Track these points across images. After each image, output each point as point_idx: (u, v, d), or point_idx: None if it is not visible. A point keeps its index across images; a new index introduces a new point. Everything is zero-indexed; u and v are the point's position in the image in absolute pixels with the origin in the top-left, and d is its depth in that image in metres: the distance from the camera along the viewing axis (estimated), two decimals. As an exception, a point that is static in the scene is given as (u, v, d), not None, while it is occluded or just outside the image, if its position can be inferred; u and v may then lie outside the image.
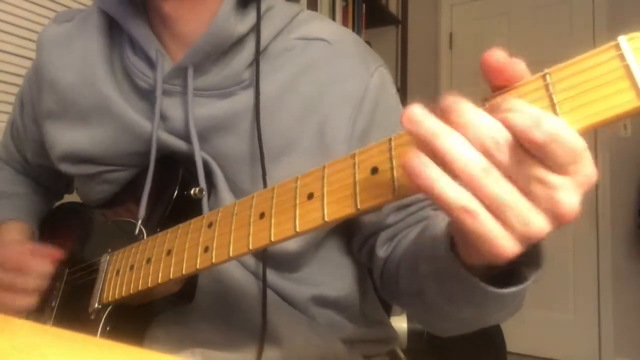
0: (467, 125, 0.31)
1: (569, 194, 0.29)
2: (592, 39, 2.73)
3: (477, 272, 0.40)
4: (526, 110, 0.29)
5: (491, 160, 0.30)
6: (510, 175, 0.30)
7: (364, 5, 2.83)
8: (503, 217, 0.30)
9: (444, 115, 0.32)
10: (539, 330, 2.71)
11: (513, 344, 2.43)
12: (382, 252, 0.63)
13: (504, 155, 0.30)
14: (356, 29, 2.69)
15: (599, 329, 2.66)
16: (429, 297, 0.49)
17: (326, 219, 0.38)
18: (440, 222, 0.47)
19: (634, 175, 2.56)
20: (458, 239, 0.40)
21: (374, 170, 0.37)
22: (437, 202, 0.31)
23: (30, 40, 1.36)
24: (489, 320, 0.48)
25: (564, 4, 2.83)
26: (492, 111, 0.31)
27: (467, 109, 0.31)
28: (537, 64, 0.33)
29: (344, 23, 2.59)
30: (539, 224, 0.30)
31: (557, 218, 0.30)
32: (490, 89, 0.33)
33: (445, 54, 3.19)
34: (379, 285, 0.65)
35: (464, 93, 0.33)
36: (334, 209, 0.38)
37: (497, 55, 0.32)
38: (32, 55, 1.35)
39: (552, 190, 0.29)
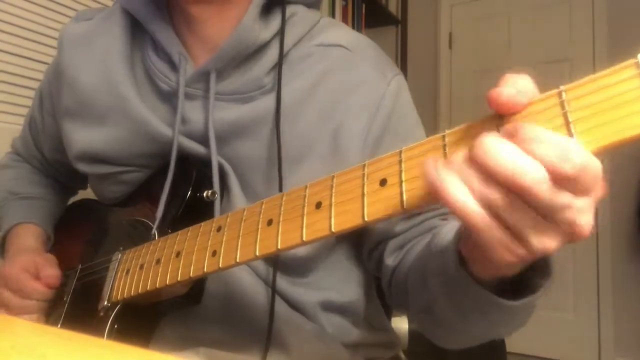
0: (488, 158, 0.30)
1: (588, 214, 0.30)
2: (591, 39, 2.72)
3: (487, 285, 0.40)
4: (553, 141, 0.29)
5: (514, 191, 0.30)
6: (533, 204, 0.30)
7: (363, 5, 2.83)
8: (520, 237, 0.31)
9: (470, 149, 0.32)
10: (538, 330, 2.71)
11: (513, 344, 2.43)
12: (390, 260, 0.62)
13: (531, 189, 0.29)
14: (356, 29, 2.69)
15: (599, 329, 2.66)
16: (438, 311, 0.48)
17: (333, 230, 0.38)
18: (445, 234, 0.47)
19: (634, 175, 2.56)
20: (469, 253, 0.39)
21: (383, 182, 0.36)
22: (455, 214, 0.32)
23: (30, 40, 1.36)
24: (500, 332, 0.47)
25: (564, 4, 2.83)
26: (509, 137, 0.31)
27: (490, 141, 0.30)
28: (537, 64, 0.32)
29: (344, 23, 2.59)
30: (553, 244, 0.31)
31: (573, 236, 0.31)
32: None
33: (445, 54, 3.18)
34: (387, 295, 0.65)
35: (463, 93, 0.32)
36: (340, 220, 0.38)
37: (506, 92, 0.31)
38: (33, 55, 1.36)
39: (575, 213, 0.30)
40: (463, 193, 0.31)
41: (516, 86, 0.31)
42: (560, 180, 0.29)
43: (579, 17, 2.79)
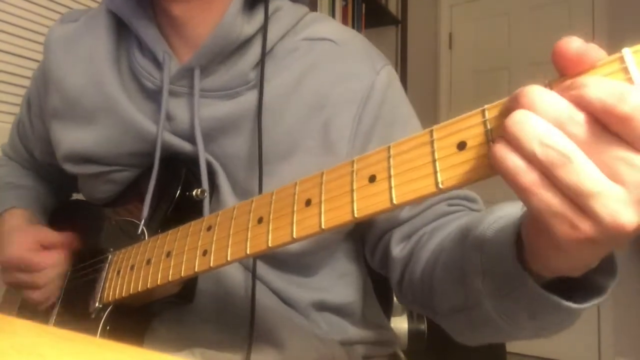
0: (534, 105, 0.28)
1: None
2: (591, 40, 2.71)
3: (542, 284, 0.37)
4: (607, 84, 0.27)
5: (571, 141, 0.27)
6: (592, 158, 0.27)
7: (363, 5, 2.83)
8: (589, 210, 0.27)
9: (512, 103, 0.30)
10: (538, 330, 2.71)
11: (513, 344, 2.43)
12: (397, 250, 0.61)
13: (582, 135, 0.27)
14: (356, 29, 2.69)
15: (599, 329, 2.66)
16: (481, 312, 0.44)
17: (323, 227, 0.38)
18: (484, 230, 0.43)
19: (633, 175, 2.56)
20: (532, 248, 0.35)
21: (372, 179, 0.36)
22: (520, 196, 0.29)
23: (30, 40, 1.36)
24: (544, 334, 0.43)
25: (563, 4, 2.83)
26: (562, 91, 0.29)
27: (534, 90, 0.29)
28: (536, 65, 0.32)
29: (344, 23, 2.58)
30: (629, 215, 0.26)
31: None
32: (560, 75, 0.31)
33: (445, 54, 3.18)
34: (397, 292, 0.63)
35: (463, 93, 0.31)
36: (330, 217, 0.38)
37: (576, 43, 0.29)
38: (32, 55, 1.36)
39: None
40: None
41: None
42: (613, 122, 0.26)
43: (578, 17, 2.79)
